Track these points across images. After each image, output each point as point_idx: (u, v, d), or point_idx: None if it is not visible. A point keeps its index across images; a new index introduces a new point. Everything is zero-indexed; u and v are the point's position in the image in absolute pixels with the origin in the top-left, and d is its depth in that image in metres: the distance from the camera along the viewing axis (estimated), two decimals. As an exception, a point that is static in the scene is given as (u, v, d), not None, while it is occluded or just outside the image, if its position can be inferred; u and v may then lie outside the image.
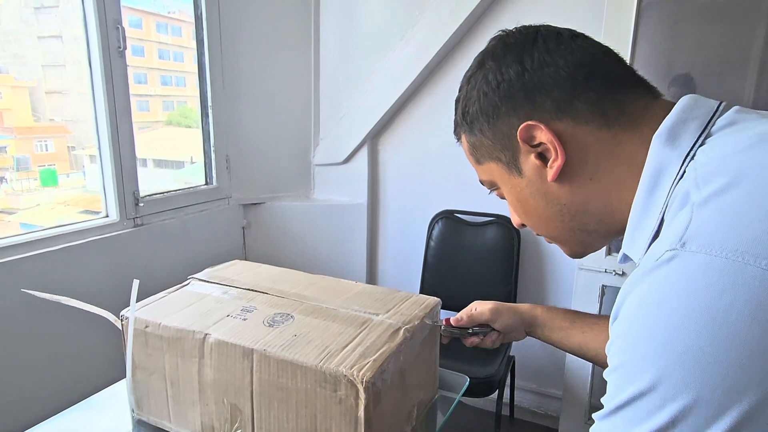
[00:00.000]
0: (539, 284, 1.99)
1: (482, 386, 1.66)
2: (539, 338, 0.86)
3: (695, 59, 1.65)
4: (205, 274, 0.97)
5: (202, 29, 1.87)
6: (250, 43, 2.00)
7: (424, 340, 0.81)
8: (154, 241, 1.70)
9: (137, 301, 0.83)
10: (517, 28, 0.56)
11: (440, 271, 2.02)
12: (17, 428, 0.89)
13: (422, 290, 2.03)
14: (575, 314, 0.84)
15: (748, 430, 0.32)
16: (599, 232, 0.55)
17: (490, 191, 0.63)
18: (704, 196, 0.39)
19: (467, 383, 0.99)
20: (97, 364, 1.42)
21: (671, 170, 0.44)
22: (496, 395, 1.70)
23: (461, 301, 1.94)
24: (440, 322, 0.86)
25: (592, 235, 0.56)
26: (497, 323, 0.86)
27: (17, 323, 1.31)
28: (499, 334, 0.87)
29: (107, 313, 0.87)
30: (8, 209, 1.53)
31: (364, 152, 2.11)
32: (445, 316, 0.88)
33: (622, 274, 1.64)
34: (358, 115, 2.07)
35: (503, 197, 0.61)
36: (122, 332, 0.83)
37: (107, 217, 1.60)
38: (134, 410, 0.86)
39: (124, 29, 1.53)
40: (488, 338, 0.87)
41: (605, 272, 1.67)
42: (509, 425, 2.06)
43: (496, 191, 0.61)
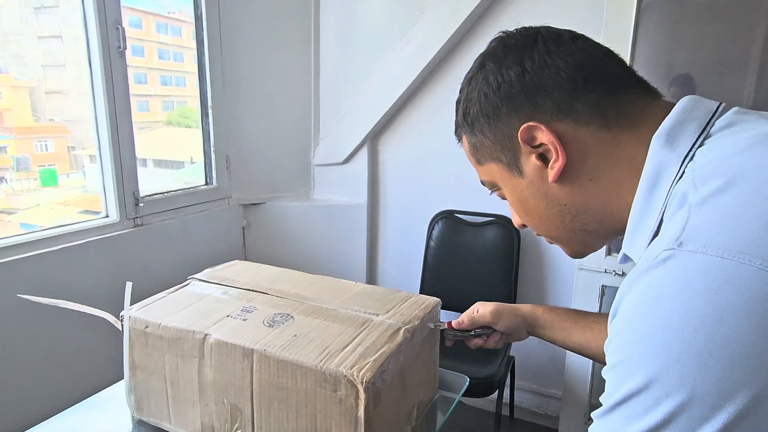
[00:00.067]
0: (539, 284, 1.99)
1: (482, 386, 1.66)
2: (541, 338, 0.86)
3: (695, 59, 1.65)
4: (205, 274, 0.97)
5: (202, 29, 1.87)
6: (250, 43, 2.00)
7: (424, 340, 0.81)
8: (154, 241, 1.70)
9: (132, 303, 0.84)
10: (517, 29, 0.56)
11: (440, 271, 2.02)
12: (17, 428, 0.90)
13: (422, 290, 2.03)
14: (577, 313, 0.84)
15: (742, 427, 0.33)
16: (599, 232, 0.55)
17: (491, 192, 0.63)
18: (702, 196, 0.39)
19: (467, 383, 0.99)
20: (96, 364, 1.41)
21: (670, 171, 0.44)
22: (496, 395, 1.70)
23: (461, 301, 1.95)
24: (442, 325, 0.86)
25: (592, 235, 0.56)
26: (499, 325, 0.86)
27: (17, 323, 1.31)
28: (501, 335, 0.87)
29: (106, 314, 0.87)
30: (8, 209, 1.53)
31: (364, 152, 2.11)
32: (445, 316, 0.88)
33: (621, 274, 1.64)
34: (358, 115, 2.07)
35: (504, 198, 0.61)
36: (122, 332, 0.84)
37: (107, 217, 1.60)
38: (133, 411, 0.86)
39: (124, 29, 1.53)
40: (491, 339, 0.88)
41: (605, 272, 1.67)
42: (509, 425, 2.06)
43: (497, 192, 0.62)
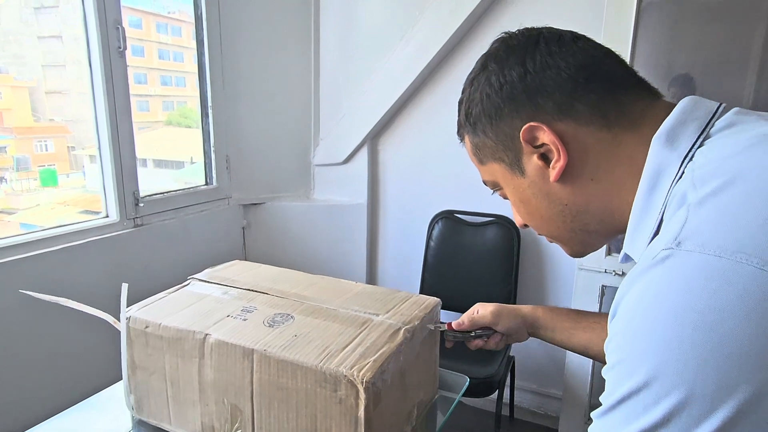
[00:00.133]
0: (539, 284, 1.99)
1: (482, 386, 1.66)
2: (542, 339, 0.86)
3: (695, 59, 1.65)
4: (205, 274, 0.97)
5: (202, 29, 1.87)
6: (250, 43, 2.00)
7: (424, 340, 0.81)
8: (154, 241, 1.70)
9: (132, 303, 0.84)
10: (519, 30, 0.56)
11: (440, 271, 2.02)
12: (17, 428, 0.90)
13: (422, 290, 2.03)
14: (578, 314, 0.84)
15: (740, 426, 0.33)
16: (600, 232, 0.55)
17: (493, 192, 0.63)
18: (700, 196, 0.39)
19: (467, 383, 0.99)
20: (97, 364, 1.41)
21: (670, 171, 0.45)
22: (496, 395, 1.70)
23: (461, 301, 1.95)
24: (442, 326, 0.86)
25: (593, 235, 0.56)
26: (499, 326, 0.85)
27: (17, 323, 1.31)
28: (502, 336, 0.87)
29: (106, 314, 0.87)
30: (8, 209, 1.53)
31: (364, 152, 2.11)
32: (445, 316, 0.88)
33: (621, 274, 1.64)
34: (358, 115, 2.07)
35: (506, 198, 0.61)
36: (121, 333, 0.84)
37: (107, 217, 1.60)
38: (133, 411, 0.86)
39: (124, 29, 1.53)
40: (492, 340, 0.87)
41: (605, 272, 1.67)
42: (509, 425, 2.06)
43: (499, 192, 0.62)
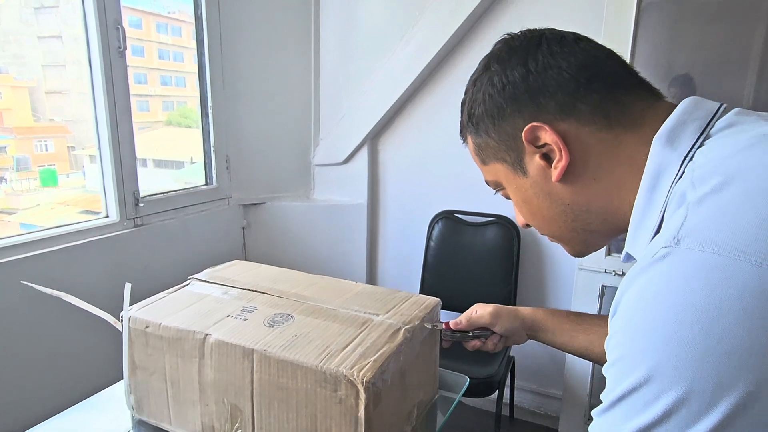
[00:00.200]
0: (539, 284, 1.99)
1: (482, 386, 1.66)
2: (542, 341, 0.85)
3: (695, 59, 1.65)
4: (205, 274, 0.97)
5: (202, 29, 1.87)
6: (250, 43, 2.00)
7: (424, 340, 0.81)
8: (154, 241, 1.70)
9: (132, 303, 0.84)
10: (521, 31, 0.57)
11: (440, 271, 2.02)
12: (17, 428, 0.90)
13: (422, 290, 2.03)
14: (578, 316, 0.84)
15: (739, 421, 0.33)
16: (602, 231, 0.56)
17: (495, 192, 0.63)
18: (699, 195, 0.40)
19: (467, 383, 0.99)
20: (97, 364, 1.41)
21: (671, 170, 0.45)
22: (496, 395, 1.70)
23: (461, 301, 1.95)
24: (439, 325, 0.85)
25: (594, 234, 0.57)
26: (497, 326, 0.85)
27: (17, 323, 1.31)
28: (500, 337, 0.86)
29: (107, 314, 0.87)
30: (8, 209, 1.53)
31: (364, 152, 2.11)
32: (445, 316, 0.88)
33: (621, 274, 1.64)
34: (358, 115, 2.07)
35: (508, 197, 0.62)
36: (122, 333, 0.84)
37: (107, 217, 1.60)
38: (133, 411, 0.86)
39: (124, 29, 1.53)
40: (489, 341, 0.86)
41: (605, 272, 1.67)
42: (509, 425, 2.07)
43: (501, 192, 0.62)
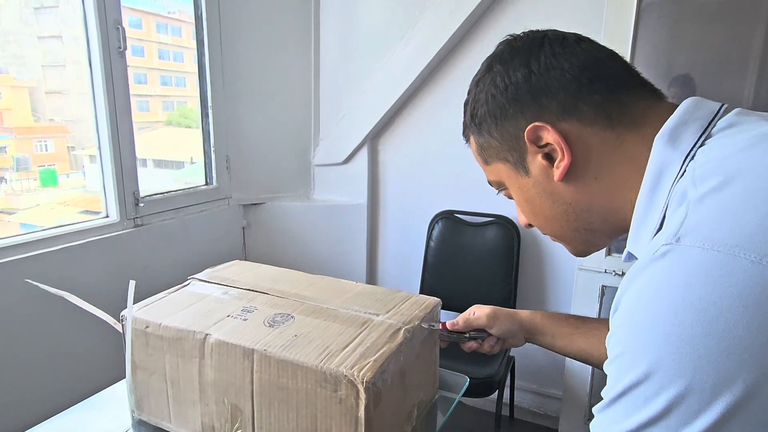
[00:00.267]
0: (539, 284, 1.99)
1: (482, 386, 1.66)
2: (540, 345, 0.84)
3: (695, 59, 1.65)
4: (205, 274, 0.97)
5: (202, 29, 1.87)
6: (250, 43, 2.00)
7: (424, 340, 0.81)
8: (154, 241, 1.70)
9: (135, 301, 0.83)
10: (524, 32, 0.57)
11: (440, 271, 2.02)
12: (17, 428, 0.90)
13: (422, 290, 2.03)
14: (577, 319, 0.83)
15: (738, 417, 0.33)
16: (604, 231, 0.56)
17: (498, 192, 0.64)
18: (700, 193, 0.40)
19: (467, 383, 0.99)
20: (97, 364, 1.42)
21: (672, 169, 0.45)
22: (496, 395, 1.70)
23: (461, 301, 1.94)
24: (436, 326, 0.85)
25: (596, 234, 0.57)
26: (494, 328, 0.84)
27: (17, 323, 1.31)
28: (497, 339, 0.85)
29: (107, 315, 0.87)
30: (8, 209, 1.53)
31: (364, 152, 2.11)
32: (445, 317, 0.88)
33: (622, 274, 1.64)
34: (358, 115, 2.07)
35: (511, 197, 0.62)
36: (122, 334, 0.84)
37: (107, 217, 1.59)
38: (134, 410, 0.86)
39: (124, 29, 1.53)
40: (486, 343, 0.86)
41: (605, 272, 1.67)
42: (509, 425, 2.07)
43: (504, 192, 0.63)
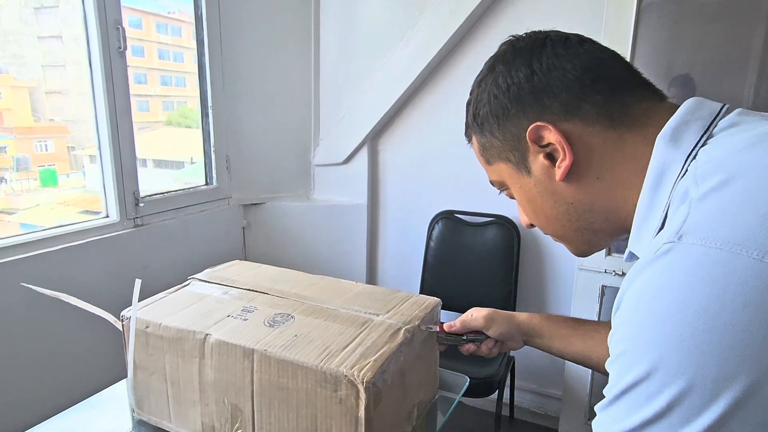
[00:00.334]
0: (539, 284, 1.99)
1: (482, 386, 1.66)
2: (538, 347, 0.84)
3: (695, 59, 1.65)
4: (205, 274, 0.97)
5: (202, 29, 1.87)
6: (250, 43, 2.00)
7: (424, 340, 0.81)
8: (154, 241, 1.70)
9: (129, 304, 0.83)
10: (526, 33, 0.57)
11: (440, 271, 2.02)
12: (17, 428, 0.90)
13: (422, 290, 2.03)
14: (576, 321, 0.83)
15: (740, 415, 0.33)
16: (605, 230, 0.56)
17: (500, 192, 0.64)
18: (702, 192, 0.40)
19: (467, 383, 0.99)
20: (97, 364, 1.42)
21: (674, 169, 0.45)
22: (496, 395, 1.70)
23: (461, 301, 1.95)
24: (433, 327, 0.84)
25: (598, 233, 0.57)
26: (491, 330, 0.83)
27: (17, 323, 1.31)
28: (495, 342, 0.85)
29: (107, 314, 0.87)
30: (8, 209, 1.53)
31: (364, 152, 2.11)
32: (445, 317, 0.87)
33: (622, 274, 1.64)
34: (358, 115, 2.07)
35: (513, 197, 0.62)
36: (122, 333, 0.84)
37: (107, 217, 1.59)
38: (134, 410, 0.86)
39: (124, 29, 1.53)
40: (484, 346, 0.85)
41: (605, 272, 1.67)
42: (509, 425, 2.06)
43: (505, 191, 0.63)
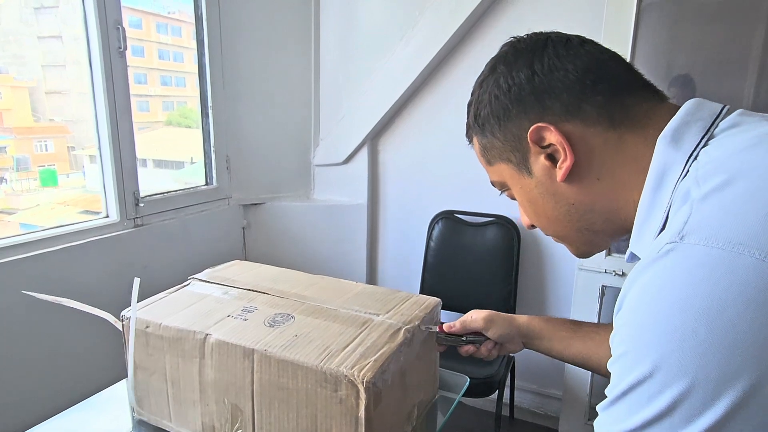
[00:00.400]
0: (539, 284, 1.99)
1: (482, 386, 1.66)
2: (537, 350, 0.84)
3: (695, 59, 1.65)
4: (205, 274, 0.97)
5: (202, 29, 1.87)
6: (250, 43, 2.00)
7: (424, 340, 0.81)
8: (154, 241, 1.70)
9: (138, 300, 0.84)
10: (527, 34, 0.57)
11: (440, 271, 2.02)
12: (17, 428, 0.90)
13: (422, 290, 2.03)
14: (575, 323, 0.83)
15: (741, 415, 0.33)
16: (606, 231, 0.56)
17: (501, 192, 0.64)
18: (703, 192, 0.40)
19: (467, 383, 0.99)
20: (97, 364, 1.41)
21: (675, 169, 0.46)
22: (496, 395, 1.70)
23: (461, 301, 1.94)
24: (433, 328, 0.84)
25: (599, 234, 0.57)
26: (491, 332, 0.83)
27: (17, 323, 1.31)
28: (495, 344, 0.85)
29: (107, 314, 0.87)
30: (8, 209, 1.53)
31: (364, 152, 2.11)
32: (445, 317, 0.87)
33: (622, 274, 1.64)
34: (358, 115, 2.07)
35: (514, 198, 0.62)
36: (122, 333, 0.84)
37: (107, 217, 1.59)
38: (134, 410, 0.86)
39: (124, 29, 1.53)
40: (483, 347, 0.85)
41: (605, 273, 1.67)
42: (509, 425, 2.06)
43: (506, 192, 0.63)
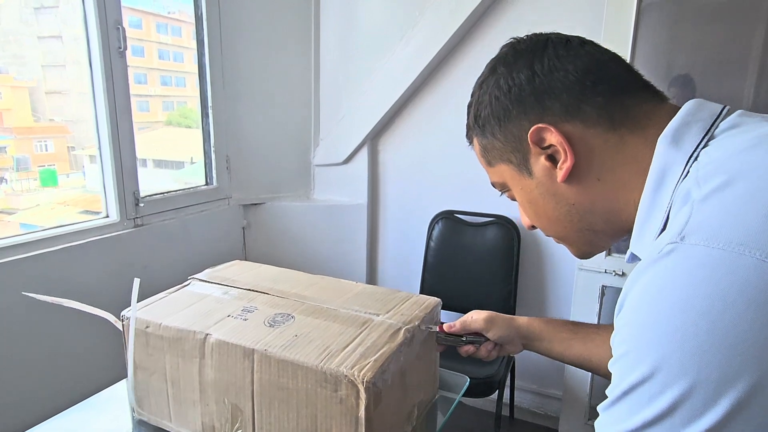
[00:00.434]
0: (539, 284, 1.99)
1: (482, 386, 1.66)
2: (537, 351, 0.84)
3: (695, 60, 1.65)
4: (205, 274, 0.97)
5: (202, 29, 1.87)
6: (250, 43, 2.00)
7: (424, 340, 0.81)
8: (154, 241, 1.70)
9: (138, 300, 0.84)
10: (527, 35, 0.57)
11: (440, 271, 2.02)
12: (17, 428, 0.90)
13: (422, 290, 2.03)
14: (576, 324, 0.83)
15: (742, 416, 0.33)
16: (606, 232, 0.56)
17: (501, 193, 0.64)
18: (704, 193, 0.40)
19: (467, 383, 0.99)
20: (97, 364, 1.42)
21: (675, 170, 0.46)
22: (496, 395, 1.70)
23: (461, 301, 1.94)
24: (433, 328, 0.84)
25: (599, 235, 0.57)
26: (491, 333, 0.83)
27: (17, 323, 1.31)
28: (495, 345, 0.85)
29: (107, 314, 0.87)
30: (8, 209, 1.53)
31: (364, 152, 2.11)
32: (445, 317, 0.87)
33: (622, 274, 1.65)
34: (358, 115, 2.07)
35: (514, 199, 0.62)
36: (123, 333, 0.84)
37: (107, 217, 1.59)
38: (134, 410, 0.86)
39: (124, 29, 1.53)
40: (483, 348, 0.85)
41: (605, 273, 1.67)
42: (509, 425, 2.07)
43: (507, 193, 0.63)
